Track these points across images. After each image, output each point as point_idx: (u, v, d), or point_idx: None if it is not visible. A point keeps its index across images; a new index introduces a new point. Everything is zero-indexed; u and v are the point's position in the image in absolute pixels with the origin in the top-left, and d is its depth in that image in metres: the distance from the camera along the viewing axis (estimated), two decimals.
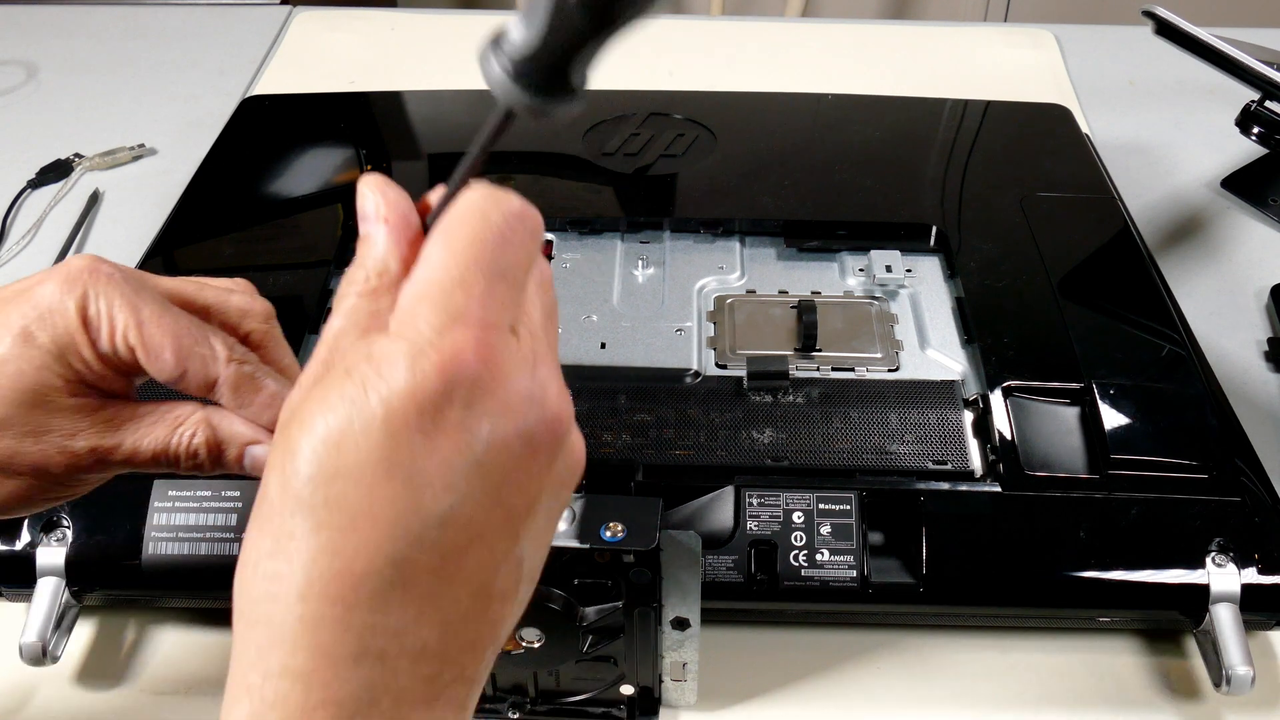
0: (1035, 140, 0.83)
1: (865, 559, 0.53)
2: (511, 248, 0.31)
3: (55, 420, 0.39)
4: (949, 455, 0.57)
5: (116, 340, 0.38)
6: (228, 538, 0.53)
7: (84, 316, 0.38)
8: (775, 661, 0.55)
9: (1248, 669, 0.50)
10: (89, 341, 0.38)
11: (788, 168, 0.79)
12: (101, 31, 1.14)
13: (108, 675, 0.55)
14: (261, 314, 0.42)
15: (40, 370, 0.38)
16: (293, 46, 1.11)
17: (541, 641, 0.47)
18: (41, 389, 0.38)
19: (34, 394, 0.38)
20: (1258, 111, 0.85)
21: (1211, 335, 0.71)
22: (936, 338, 0.65)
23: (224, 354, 0.39)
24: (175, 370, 0.39)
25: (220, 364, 0.39)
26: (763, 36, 1.13)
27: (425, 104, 0.88)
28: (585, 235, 0.72)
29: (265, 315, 0.42)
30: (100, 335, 0.38)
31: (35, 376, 0.38)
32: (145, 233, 0.77)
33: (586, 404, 0.59)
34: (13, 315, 0.38)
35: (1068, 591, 0.53)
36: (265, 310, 0.42)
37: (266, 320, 0.42)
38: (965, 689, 0.54)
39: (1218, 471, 0.55)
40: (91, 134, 0.97)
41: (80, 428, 0.39)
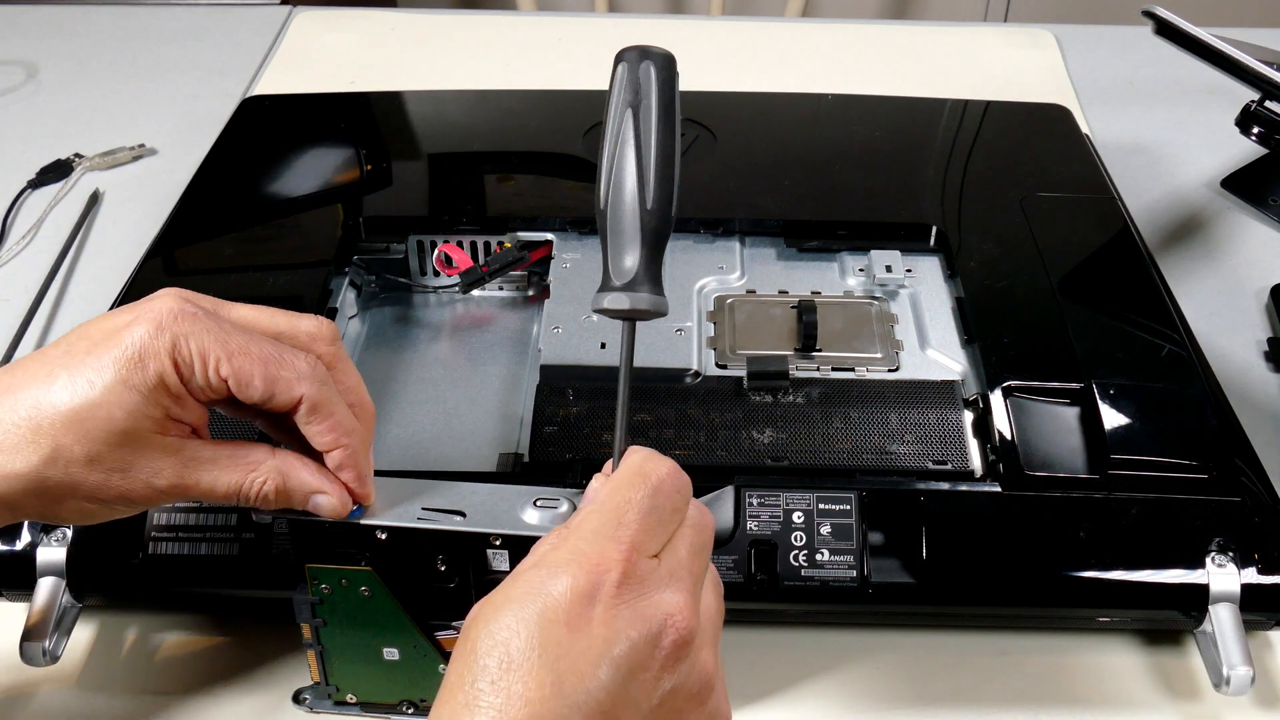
0: (1035, 140, 0.83)
1: (865, 559, 0.53)
2: (661, 495, 0.39)
3: (142, 459, 0.42)
4: (949, 455, 0.57)
5: (210, 376, 0.42)
6: (228, 538, 0.53)
7: (174, 360, 0.41)
8: (775, 661, 0.55)
9: (1248, 669, 0.50)
10: (180, 382, 0.42)
11: (788, 168, 0.79)
12: (101, 31, 1.14)
13: (108, 675, 0.55)
14: (328, 337, 0.46)
15: (131, 414, 0.41)
16: (293, 46, 1.11)
17: None
18: (132, 431, 0.41)
19: (125, 435, 0.41)
20: (1258, 111, 0.85)
21: (1211, 335, 0.71)
22: (936, 338, 0.65)
23: (308, 371, 0.43)
24: (264, 395, 0.42)
25: (305, 383, 0.43)
26: (763, 36, 1.13)
27: (425, 104, 0.88)
28: (585, 235, 0.72)
29: (331, 338, 0.46)
30: (193, 375, 0.42)
31: (126, 420, 0.41)
32: (145, 233, 0.77)
33: (586, 404, 0.59)
34: (104, 358, 0.41)
35: (1068, 591, 0.53)
36: (332, 333, 0.46)
37: (333, 342, 0.46)
38: (965, 689, 0.54)
39: (1218, 471, 0.55)
40: (91, 134, 0.97)
41: (164, 466, 0.42)
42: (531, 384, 0.62)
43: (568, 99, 0.88)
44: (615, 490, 0.39)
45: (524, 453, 0.59)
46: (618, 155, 0.42)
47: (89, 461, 0.41)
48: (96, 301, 0.77)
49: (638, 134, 0.42)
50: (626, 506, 0.38)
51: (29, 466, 0.41)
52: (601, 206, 0.43)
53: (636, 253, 0.42)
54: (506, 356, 0.68)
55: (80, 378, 0.41)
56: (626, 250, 0.42)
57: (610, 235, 0.42)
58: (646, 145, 0.42)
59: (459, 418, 0.63)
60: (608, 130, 0.43)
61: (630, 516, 0.38)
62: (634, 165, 0.42)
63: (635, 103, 0.42)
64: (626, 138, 0.42)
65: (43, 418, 0.41)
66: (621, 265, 0.42)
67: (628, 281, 0.42)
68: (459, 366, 0.67)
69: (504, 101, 0.87)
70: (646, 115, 0.43)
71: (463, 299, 0.72)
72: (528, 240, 0.72)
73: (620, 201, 0.42)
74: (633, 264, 0.42)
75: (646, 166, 0.42)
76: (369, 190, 0.78)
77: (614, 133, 0.43)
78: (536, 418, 0.59)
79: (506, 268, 0.71)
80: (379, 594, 0.46)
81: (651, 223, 0.42)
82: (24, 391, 0.41)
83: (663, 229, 0.43)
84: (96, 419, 0.41)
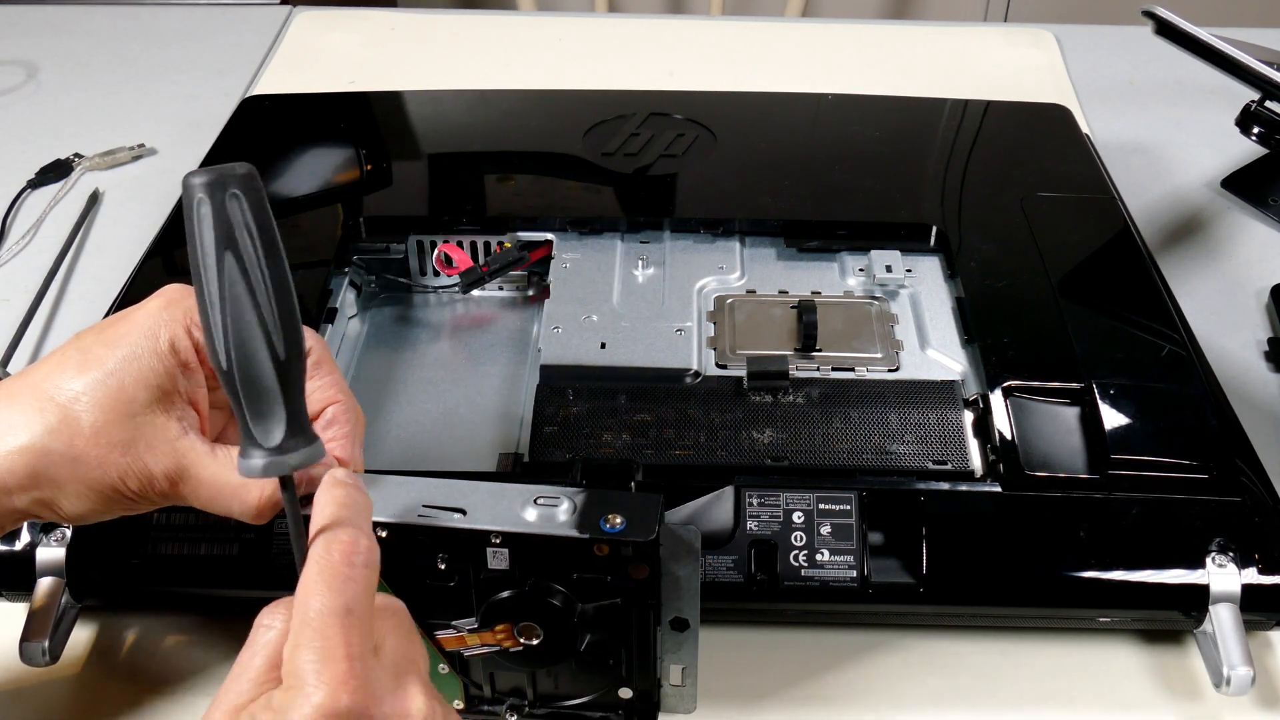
0: (1035, 140, 0.83)
1: (865, 559, 0.53)
2: (350, 584, 0.38)
3: (144, 437, 0.43)
4: (949, 455, 0.57)
5: None
6: (228, 538, 0.53)
7: (186, 328, 0.43)
8: (775, 662, 0.55)
9: (1248, 669, 0.50)
10: (191, 346, 0.43)
11: (788, 168, 0.79)
12: (101, 31, 1.14)
13: (108, 675, 0.55)
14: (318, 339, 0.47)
15: (139, 382, 0.42)
16: (293, 46, 1.11)
17: (540, 639, 0.47)
18: (139, 400, 0.42)
19: (132, 404, 0.42)
20: (1258, 111, 0.85)
21: (1211, 335, 0.71)
22: (936, 338, 0.65)
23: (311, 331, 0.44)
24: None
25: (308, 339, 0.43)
26: (763, 36, 1.13)
27: (425, 104, 0.88)
28: (585, 235, 0.72)
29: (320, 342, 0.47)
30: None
31: (135, 388, 0.42)
32: (145, 233, 0.77)
33: (587, 404, 0.59)
34: (117, 334, 0.43)
35: (1068, 591, 0.53)
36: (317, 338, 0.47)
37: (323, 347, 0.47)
38: (965, 689, 0.54)
39: (1218, 471, 0.55)
40: (91, 134, 0.97)
41: (164, 449, 0.43)
42: (531, 384, 0.62)
43: (568, 99, 0.88)
44: (308, 603, 0.37)
45: (524, 453, 0.59)
46: (230, 309, 0.37)
47: (94, 433, 0.42)
48: (96, 301, 0.77)
49: (247, 278, 0.37)
50: (326, 616, 0.37)
51: (31, 438, 0.42)
52: (224, 366, 0.38)
53: (280, 411, 0.38)
54: (506, 356, 0.68)
55: (92, 354, 0.43)
56: (270, 411, 0.38)
57: (245, 398, 0.38)
58: (261, 289, 0.37)
59: (459, 418, 0.63)
60: (204, 279, 0.37)
61: (334, 627, 0.37)
62: (253, 315, 0.37)
63: (231, 243, 0.36)
64: (235, 286, 0.37)
65: (54, 389, 0.42)
66: (268, 428, 0.38)
67: (279, 444, 0.38)
68: (459, 366, 0.67)
69: (504, 101, 0.87)
70: (249, 255, 0.37)
71: (463, 299, 0.72)
72: (528, 240, 0.72)
73: (247, 359, 0.37)
74: (279, 425, 0.38)
75: (268, 313, 0.37)
76: (369, 190, 0.78)
77: (215, 283, 0.37)
78: (536, 418, 0.59)
79: (506, 268, 0.71)
80: (379, 593, 0.46)
81: (288, 372, 0.38)
82: (37, 373, 0.43)
83: (301, 374, 0.39)
84: (106, 387, 0.42)
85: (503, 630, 0.47)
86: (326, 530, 0.39)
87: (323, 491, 0.41)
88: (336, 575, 0.38)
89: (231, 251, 0.36)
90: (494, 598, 0.46)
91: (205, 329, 0.38)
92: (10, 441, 0.42)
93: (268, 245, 0.37)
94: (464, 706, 0.51)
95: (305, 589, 0.38)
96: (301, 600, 0.38)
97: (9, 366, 0.71)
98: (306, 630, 0.37)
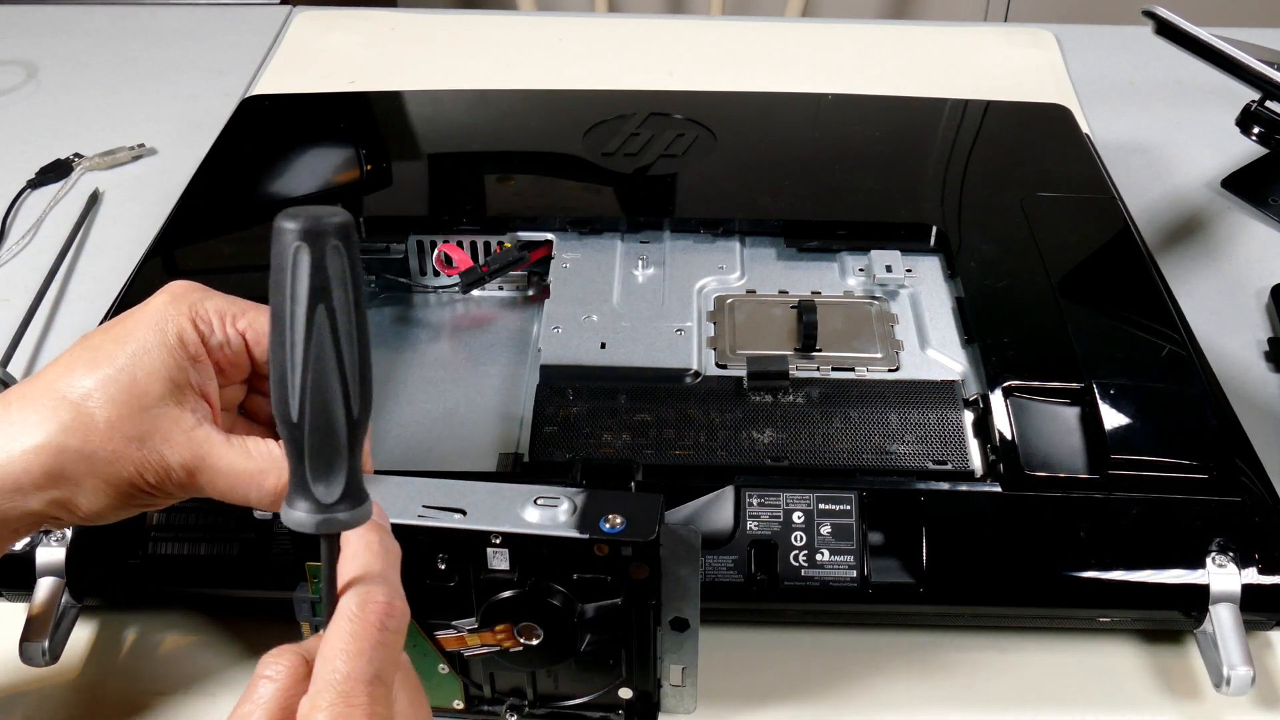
0: (1035, 140, 0.83)
1: (865, 559, 0.53)
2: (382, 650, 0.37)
3: (159, 429, 0.43)
4: (949, 455, 0.57)
5: (228, 330, 0.45)
6: (228, 538, 0.53)
7: (193, 320, 0.44)
8: (775, 662, 0.55)
9: (1248, 669, 0.50)
10: (199, 340, 0.44)
11: (788, 168, 0.79)
12: (101, 31, 1.14)
13: (108, 675, 0.55)
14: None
15: (151, 375, 0.43)
16: (293, 46, 1.11)
17: (540, 639, 0.47)
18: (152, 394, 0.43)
19: (145, 398, 0.43)
20: (1258, 111, 0.85)
21: (1211, 335, 0.70)
22: (936, 338, 0.65)
23: None
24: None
25: None
26: (763, 36, 1.13)
27: (425, 104, 0.88)
28: (585, 235, 0.72)
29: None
30: (212, 332, 0.45)
31: (146, 382, 0.43)
32: (145, 233, 0.77)
33: (587, 404, 0.59)
34: (125, 332, 0.44)
35: (1068, 591, 0.53)
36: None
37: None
38: (965, 689, 0.54)
39: (1218, 471, 0.55)
40: (91, 134, 0.97)
41: (179, 441, 0.43)
42: (531, 384, 0.62)
43: (568, 99, 0.88)
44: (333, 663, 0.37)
45: (524, 453, 0.59)
46: (314, 364, 0.35)
47: (108, 428, 0.42)
48: (96, 301, 0.77)
49: (335, 334, 0.35)
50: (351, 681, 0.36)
51: (47, 436, 0.42)
52: (294, 419, 0.35)
53: (344, 469, 0.36)
54: (506, 356, 0.68)
55: (102, 352, 0.43)
56: (333, 469, 0.36)
57: (311, 453, 0.36)
58: (348, 346, 0.35)
59: (459, 418, 0.63)
60: (290, 327, 0.35)
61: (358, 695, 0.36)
62: (336, 374, 0.35)
63: (325, 295, 0.34)
64: (323, 341, 0.35)
65: (66, 389, 0.43)
66: (329, 485, 0.36)
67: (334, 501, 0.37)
68: (459, 366, 0.67)
69: (504, 101, 0.87)
70: (342, 310, 0.35)
71: (463, 299, 0.72)
72: (528, 240, 0.72)
73: (323, 416, 0.35)
74: (340, 484, 0.36)
75: (350, 372, 0.36)
76: (369, 190, 0.78)
77: (302, 334, 0.35)
78: (536, 418, 0.59)
79: (506, 268, 0.71)
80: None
81: (358, 434, 0.36)
82: (48, 375, 0.44)
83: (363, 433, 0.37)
84: (119, 383, 0.43)
85: (503, 630, 0.47)
86: (360, 583, 0.38)
87: (359, 536, 0.39)
88: (369, 640, 0.37)
89: (325, 305, 0.34)
90: (494, 598, 0.46)
91: (276, 378, 0.36)
92: (25, 441, 0.42)
93: (358, 302, 0.36)
94: (464, 707, 0.51)
95: (334, 649, 0.37)
96: (328, 659, 0.36)
97: (9, 366, 0.71)
98: (330, 693, 0.36)
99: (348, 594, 0.38)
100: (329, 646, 0.37)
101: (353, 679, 0.36)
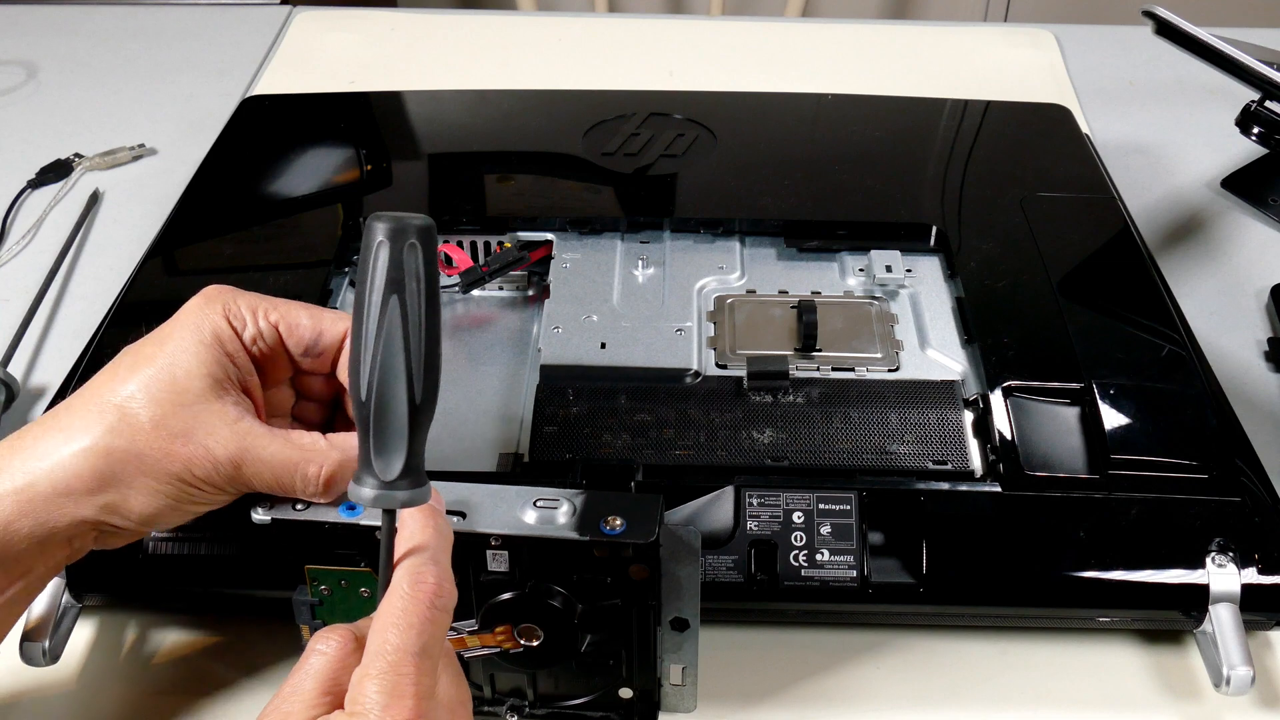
0: (1035, 140, 0.83)
1: (865, 559, 0.53)
2: (431, 627, 0.39)
3: (202, 424, 0.44)
4: (949, 455, 0.57)
5: (261, 323, 0.47)
6: (228, 538, 0.53)
7: (227, 317, 0.46)
8: (775, 662, 0.55)
9: (1248, 669, 0.50)
10: (234, 335, 0.46)
11: (788, 168, 0.79)
12: (101, 31, 1.14)
13: (108, 675, 0.55)
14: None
15: (190, 373, 0.44)
16: (293, 46, 1.11)
17: (540, 640, 0.47)
18: (192, 390, 0.44)
19: (185, 394, 0.44)
20: (1258, 111, 0.85)
21: (1211, 335, 0.71)
22: (936, 338, 0.65)
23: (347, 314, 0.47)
24: (313, 333, 0.47)
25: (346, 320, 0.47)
26: (763, 36, 1.13)
27: (425, 104, 0.88)
28: (585, 235, 0.72)
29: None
30: (245, 326, 0.46)
31: (186, 379, 0.44)
32: (145, 233, 0.77)
33: (587, 404, 0.59)
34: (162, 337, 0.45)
35: (1068, 591, 0.53)
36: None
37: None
38: (965, 689, 0.54)
39: (1218, 471, 0.55)
40: (91, 134, 0.97)
41: (223, 434, 0.44)
42: (531, 384, 0.62)
43: (568, 99, 0.88)
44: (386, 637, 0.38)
45: (524, 453, 0.59)
46: (383, 345, 0.39)
47: (153, 426, 0.43)
48: (96, 302, 0.77)
49: (405, 322, 0.39)
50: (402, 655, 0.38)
51: (93, 439, 0.43)
52: (363, 397, 0.39)
53: (403, 450, 0.39)
54: (506, 356, 0.68)
55: (141, 356, 0.45)
56: (393, 447, 0.39)
57: (374, 430, 0.39)
58: (415, 334, 0.39)
59: (459, 418, 0.63)
60: (366, 313, 0.39)
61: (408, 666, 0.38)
62: (402, 357, 0.39)
63: (399, 287, 0.38)
64: (393, 327, 0.39)
65: (110, 394, 0.44)
66: (388, 463, 0.40)
67: (393, 479, 0.40)
68: (459, 366, 0.67)
69: (504, 101, 0.87)
70: (413, 300, 0.39)
71: (463, 299, 0.72)
72: (528, 240, 0.72)
73: (387, 396, 0.39)
74: (399, 463, 0.39)
75: (416, 358, 0.39)
76: (369, 190, 0.78)
77: (375, 319, 0.39)
78: (536, 418, 0.59)
79: (506, 268, 0.71)
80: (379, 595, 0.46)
81: (420, 418, 0.40)
82: (92, 385, 0.45)
83: (429, 419, 0.40)
84: (159, 381, 0.44)
85: (503, 632, 0.47)
86: (414, 557, 0.40)
87: (415, 516, 0.41)
88: (419, 615, 0.39)
89: (398, 295, 0.38)
90: (494, 600, 0.46)
91: (353, 359, 0.39)
92: (74, 445, 0.43)
93: (430, 296, 0.39)
94: None
95: (386, 622, 0.38)
96: (380, 631, 0.38)
97: (9, 367, 0.71)
98: (380, 662, 0.38)
99: (400, 570, 0.40)
100: (381, 620, 0.39)
101: (402, 650, 0.38)
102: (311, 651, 0.39)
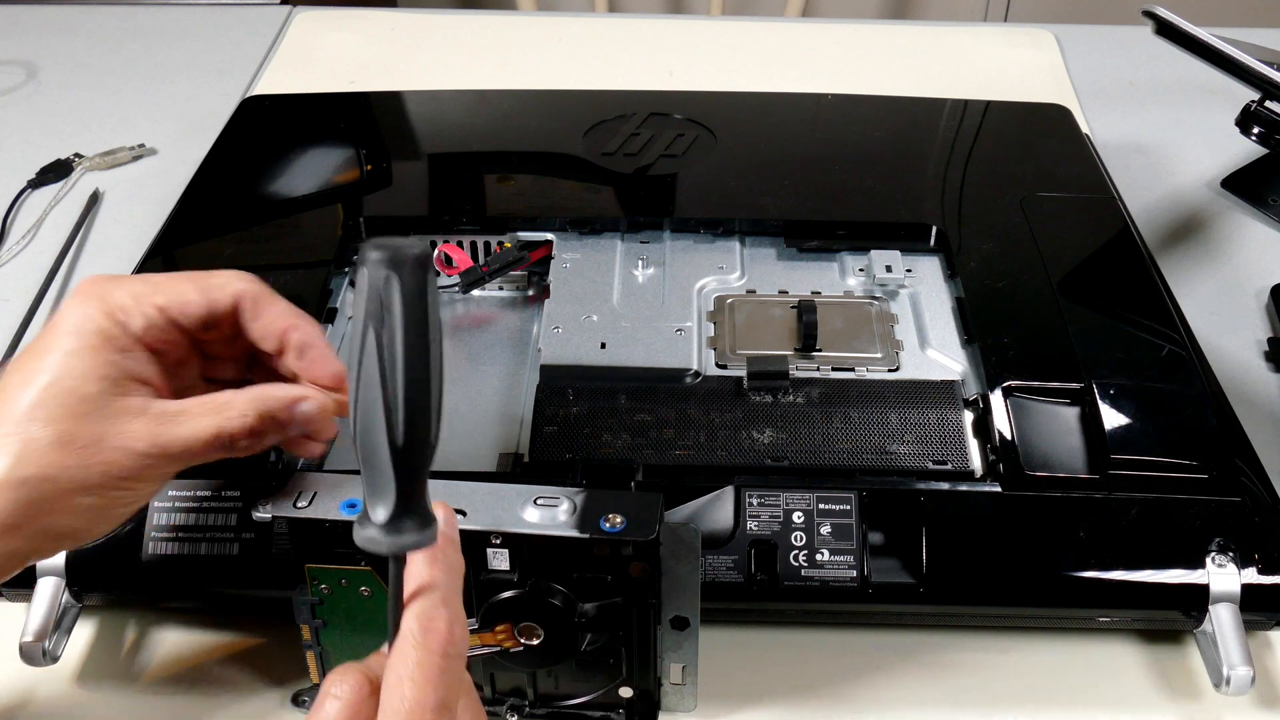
0: (1035, 140, 0.83)
1: (865, 559, 0.53)
2: (446, 677, 0.37)
3: (111, 427, 0.42)
4: (949, 455, 0.57)
5: (146, 310, 0.44)
6: (228, 538, 0.53)
7: (109, 314, 0.43)
8: (775, 662, 0.55)
9: (1248, 669, 0.50)
10: (121, 331, 0.43)
11: (788, 168, 0.79)
12: (101, 31, 1.14)
13: (108, 675, 0.55)
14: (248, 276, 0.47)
15: (84, 380, 0.42)
16: (293, 46, 1.11)
17: (540, 639, 0.47)
18: (91, 397, 0.42)
19: (84, 403, 0.41)
20: (1258, 111, 0.85)
21: (1211, 335, 0.71)
22: (936, 338, 0.65)
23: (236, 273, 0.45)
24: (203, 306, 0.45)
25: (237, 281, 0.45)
26: (763, 36, 1.13)
27: (425, 104, 0.88)
28: (585, 235, 0.72)
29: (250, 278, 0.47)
30: (130, 317, 0.43)
31: (81, 387, 0.42)
32: (145, 233, 0.77)
33: (587, 404, 0.59)
34: (43, 348, 0.42)
35: (1068, 591, 0.53)
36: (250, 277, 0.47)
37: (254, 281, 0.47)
38: (965, 689, 0.54)
39: (1218, 471, 0.55)
40: (91, 134, 0.97)
41: (135, 428, 0.42)
42: (531, 384, 0.62)
43: (568, 99, 0.88)
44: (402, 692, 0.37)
45: (524, 453, 0.59)
46: (362, 385, 0.35)
47: (60, 444, 0.41)
48: None
49: (381, 359, 0.35)
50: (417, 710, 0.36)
51: (3, 474, 0.40)
52: (354, 438, 0.36)
53: (391, 494, 0.36)
54: (506, 356, 0.68)
55: (25, 371, 0.42)
56: (379, 490, 0.37)
57: (364, 471, 0.37)
58: (392, 373, 0.35)
59: (459, 418, 0.63)
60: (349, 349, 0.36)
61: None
62: (379, 397, 0.35)
63: (378, 322, 0.35)
64: (370, 366, 0.35)
65: (2, 422, 0.41)
66: (378, 505, 0.37)
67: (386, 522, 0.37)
68: (459, 366, 0.67)
69: (504, 101, 0.87)
70: (390, 338, 0.35)
71: (463, 299, 0.72)
72: (528, 240, 0.72)
73: (367, 437, 0.36)
74: (386, 507, 0.37)
75: (394, 399, 0.35)
76: (369, 190, 0.78)
77: (357, 354, 0.35)
78: (536, 418, 0.59)
79: (506, 268, 0.71)
80: (379, 594, 0.46)
81: (404, 460, 0.36)
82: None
83: (417, 462, 0.37)
84: (53, 397, 0.41)
85: (503, 631, 0.47)
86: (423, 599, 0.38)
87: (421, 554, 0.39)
88: (434, 668, 0.37)
89: (374, 329, 0.35)
90: (494, 598, 0.46)
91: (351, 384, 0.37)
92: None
93: (411, 334, 0.35)
94: None
95: (400, 675, 0.37)
96: (395, 687, 0.37)
97: None
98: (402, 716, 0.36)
99: (410, 614, 0.38)
100: (394, 673, 0.37)
101: (421, 705, 0.36)
102: (325, 697, 0.38)
